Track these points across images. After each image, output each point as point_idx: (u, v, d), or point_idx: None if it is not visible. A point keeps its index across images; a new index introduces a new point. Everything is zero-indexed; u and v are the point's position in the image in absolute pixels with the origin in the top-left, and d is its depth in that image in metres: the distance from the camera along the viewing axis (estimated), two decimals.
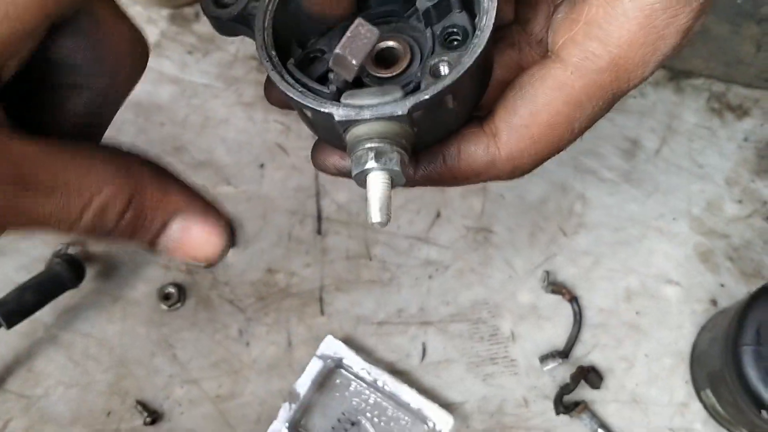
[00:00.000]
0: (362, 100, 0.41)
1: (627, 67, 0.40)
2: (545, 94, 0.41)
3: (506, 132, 0.42)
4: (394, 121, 0.39)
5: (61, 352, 0.78)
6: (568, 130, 0.42)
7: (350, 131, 0.40)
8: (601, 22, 0.39)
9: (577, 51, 0.40)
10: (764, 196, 0.76)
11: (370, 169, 0.39)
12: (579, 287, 0.75)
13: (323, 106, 0.40)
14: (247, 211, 0.81)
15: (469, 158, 0.43)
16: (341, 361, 0.73)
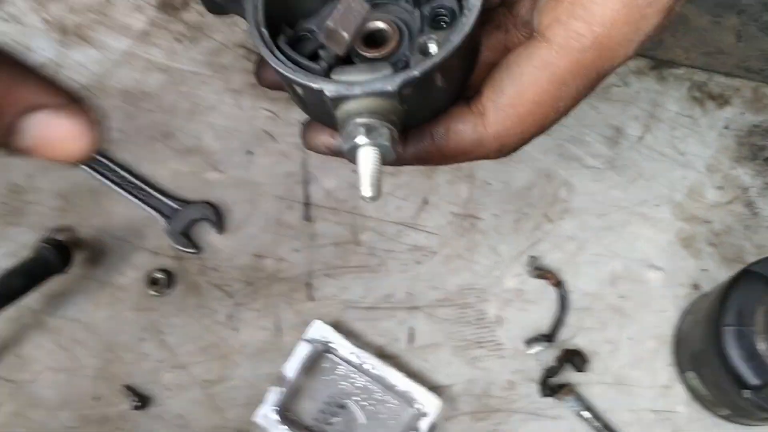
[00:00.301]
0: (352, 77, 0.42)
1: (610, 45, 0.41)
2: (531, 73, 0.42)
3: (493, 111, 0.43)
4: (384, 98, 0.40)
5: (49, 337, 0.78)
6: (553, 108, 0.43)
7: (341, 107, 0.41)
8: (585, 1, 0.41)
9: (562, 30, 0.41)
10: (744, 183, 0.78)
11: (361, 144, 0.40)
12: (564, 272, 0.77)
13: (314, 82, 0.41)
14: (235, 196, 0.81)
15: (457, 136, 0.45)
16: (329, 346, 0.73)
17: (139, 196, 0.81)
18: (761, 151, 0.78)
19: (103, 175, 0.82)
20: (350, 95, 0.40)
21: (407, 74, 0.40)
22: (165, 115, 0.85)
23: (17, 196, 0.83)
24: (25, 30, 0.89)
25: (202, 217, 0.80)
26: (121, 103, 0.85)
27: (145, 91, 0.86)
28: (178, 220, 0.80)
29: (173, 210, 0.80)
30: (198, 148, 0.83)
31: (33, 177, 0.83)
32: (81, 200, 0.82)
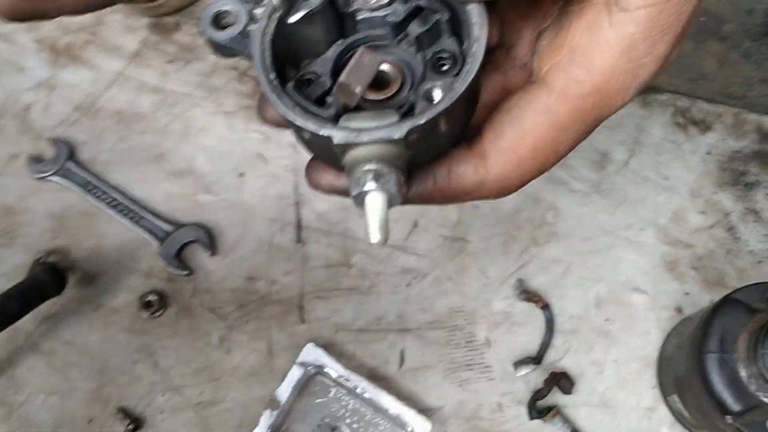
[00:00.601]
0: (360, 123, 0.42)
1: (609, 92, 0.42)
2: (531, 118, 0.43)
3: (494, 154, 0.44)
4: (391, 144, 0.41)
5: (42, 359, 0.79)
6: (553, 152, 0.44)
7: (348, 153, 0.42)
8: (585, 49, 0.42)
9: (562, 77, 0.42)
10: (726, 208, 0.80)
11: (369, 191, 0.40)
12: (551, 295, 0.78)
13: (322, 129, 0.42)
14: (227, 218, 0.82)
15: (458, 178, 0.45)
16: (322, 368, 0.75)
17: (132, 218, 0.82)
18: (742, 176, 0.80)
19: (96, 197, 0.83)
20: (358, 142, 0.41)
21: (414, 122, 0.41)
22: (157, 136, 0.86)
23: (9, 217, 0.83)
24: (17, 49, 0.90)
25: (195, 239, 0.81)
26: (113, 125, 0.86)
27: (138, 112, 0.87)
28: (171, 243, 0.80)
29: (165, 232, 0.81)
30: (190, 169, 0.84)
31: (25, 198, 0.84)
32: (73, 222, 0.83)
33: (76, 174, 0.83)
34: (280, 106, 0.43)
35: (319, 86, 0.46)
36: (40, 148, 0.85)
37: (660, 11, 0.40)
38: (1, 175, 0.85)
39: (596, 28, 0.41)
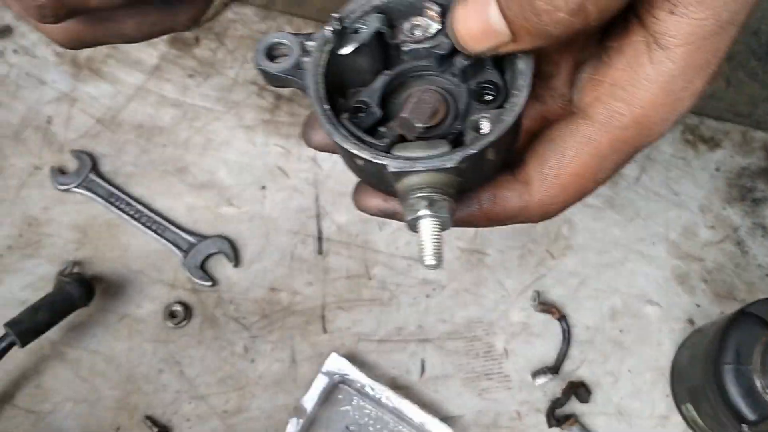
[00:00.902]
0: (413, 153, 0.44)
1: (648, 124, 0.44)
2: (574, 147, 0.45)
3: (538, 180, 0.47)
4: (443, 172, 0.43)
5: (69, 368, 0.80)
6: (593, 179, 0.46)
7: (402, 181, 0.44)
8: (625, 84, 0.44)
9: (603, 109, 0.44)
10: (735, 223, 0.83)
11: (423, 216, 0.42)
12: (567, 306, 0.81)
13: (378, 157, 0.44)
14: (249, 230, 0.84)
15: (503, 203, 0.48)
16: (346, 378, 0.77)
17: (155, 230, 0.83)
18: (750, 192, 0.83)
19: (120, 209, 0.84)
20: (412, 171, 0.43)
21: (465, 151, 0.43)
22: (179, 149, 0.87)
23: (33, 228, 0.84)
24: (38, 63, 0.91)
25: (218, 250, 0.82)
26: (135, 138, 0.88)
27: (159, 125, 0.88)
28: (195, 254, 0.82)
29: (189, 244, 0.83)
30: (212, 182, 0.86)
31: (49, 210, 0.85)
32: (97, 233, 0.84)
33: (100, 186, 0.85)
34: (336, 135, 0.45)
35: (370, 116, 0.48)
36: (62, 160, 0.86)
37: (697, 48, 0.42)
38: (25, 186, 0.86)
39: (636, 64, 0.44)
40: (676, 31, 0.42)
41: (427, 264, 0.43)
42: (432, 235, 0.43)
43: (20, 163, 0.87)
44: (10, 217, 0.85)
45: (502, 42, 0.42)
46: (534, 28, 0.40)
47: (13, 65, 0.90)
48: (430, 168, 0.43)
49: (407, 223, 0.44)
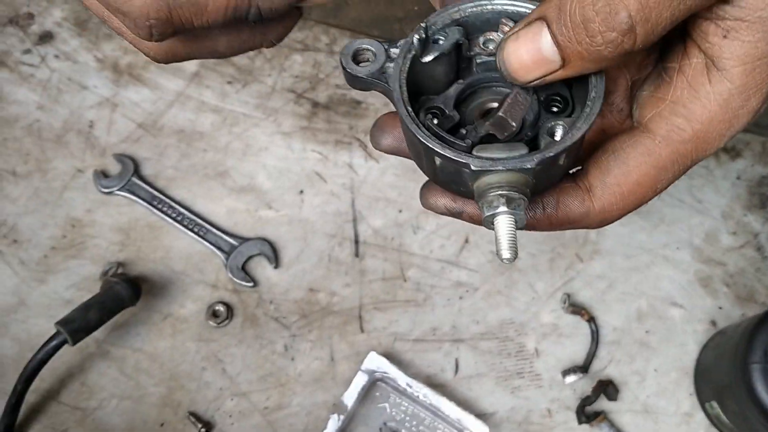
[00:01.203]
0: (494, 154, 0.47)
1: (706, 139, 0.47)
2: (636, 158, 0.49)
3: (600, 188, 0.50)
4: (521, 173, 0.46)
5: (114, 366, 0.82)
6: (652, 189, 0.49)
7: (481, 179, 0.47)
8: (686, 102, 0.47)
9: (664, 124, 0.48)
10: (755, 229, 0.86)
11: (501, 213, 0.46)
12: (595, 308, 0.84)
13: (461, 156, 0.47)
14: (288, 233, 0.87)
15: (566, 208, 0.51)
16: (384, 375, 0.79)
17: (197, 232, 0.86)
18: None
19: (162, 211, 0.87)
20: (493, 170, 0.46)
21: (543, 154, 0.46)
22: (219, 154, 0.90)
23: (77, 230, 0.87)
24: (79, 68, 0.93)
25: (259, 252, 0.85)
26: (176, 142, 0.90)
27: (199, 131, 0.91)
28: (237, 256, 0.85)
29: (231, 246, 0.85)
30: (251, 186, 0.89)
31: (92, 212, 0.88)
32: (140, 235, 0.87)
33: (142, 189, 0.87)
34: (421, 134, 0.48)
35: (447, 120, 0.51)
36: (104, 164, 0.89)
37: (753, 69, 0.46)
38: (68, 189, 0.88)
39: (696, 84, 0.47)
40: (731, 53, 0.45)
41: (504, 258, 0.45)
42: (508, 231, 0.46)
43: (63, 166, 0.89)
44: (54, 219, 0.87)
45: (552, 70, 0.45)
46: (586, 51, 0.43)
47: (55, 70, 0.93)
48: (509, 168, 0.46)
49: (484, 219, 0.46)
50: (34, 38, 0.94)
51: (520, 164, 0.46)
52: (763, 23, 0.44)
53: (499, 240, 0.46)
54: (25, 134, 0.90)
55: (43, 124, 0.91)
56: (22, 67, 0.93)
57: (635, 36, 0.42)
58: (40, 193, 0.88)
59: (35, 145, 0.90)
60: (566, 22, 0.43)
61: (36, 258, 0.86)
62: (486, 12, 0.50)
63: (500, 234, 0.46)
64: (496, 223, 0.46)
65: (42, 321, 0.83)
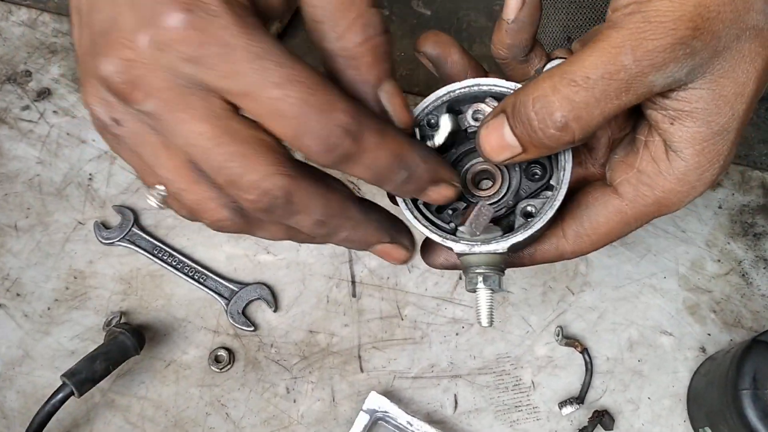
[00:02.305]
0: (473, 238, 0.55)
1: (667, 204, 0.55)
2: (605, 215, 0.57)
3: (573, 236, 0.58)
4: (496, 255, 0.55)
5: (119, 415, 0.84)
6: (617, 237, 0.58)
7: (464, 259, 0.56)
8: (650, 173, 0.54)
9: (631, 190, 0.55)
10: (739, 256, 0.89)
11: (479, 288, 0.55)
12: (587, 339, 0.86)
13: (445, 241, 0.56)
14: (287, 276, 0.89)
15: (543, 253, 0.59)
16: (386, 415, 0.81)
17: (198, 279, 0.88)
18: (751, 227, 0.90)
19: (162, 260, 0.89)
20: (471, 253, 0.55)
21: (515, 238, 0.54)
22: None
23: (79, 281, 0.89)
24: (77, 122, 0.96)
25: (259, 296, 0.87)
26: None
27: None
28: (237, 301, 0.87)
29: (231, 291, 0.87)
30: None
31: (94, 263, 0.89)
32: (142, 284, 0.89)
33: (142, 239, 0.89)
34: (413, 220, 0.56)
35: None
36: (105, 215, 0.91)
37: (702, 149, 0.52)
38: (69, 241, 0.90)
39: (658, 159, 0.54)
40: (680, 137, 0.52)
41: (483, 324, 0.56)
42: (486, 303, 0.55)
43: (64, 219, 0.91)
44: (57, 271, 0.89)
45: (515, 153, 0.52)
46: (536, 142, 0.51)
47: (54, 125, 0.95)
48: (485, 252, 0.55)
49: (467, 288, 0.56)
50: (33, 95, 0.96)
51: (494, 249, 0.55)
52: (701, 112, 0.51)
53: (478, 310, 0.56)
54: (26, 189, 0.92)
55: (44, 179, 0.93)
56: (21, 123, 0.95)
57: (572, 131, 0.49)
58: (42, 246, 0.90)
59: (36, 199, 0.92)
60: (518, 119, 0.51)
61: (39, 311, 0.88)
62: (474, 91, 0.57)
63: (479, 305, 0.56)
64: (476, 296, 0.55)
65: (47, 373, 0.85)
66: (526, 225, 0.55)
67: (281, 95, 0.44)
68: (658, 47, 0.47)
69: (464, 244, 0.55)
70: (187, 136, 0.46)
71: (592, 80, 0.47)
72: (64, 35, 0.99)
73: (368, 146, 0.47)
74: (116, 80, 0.45)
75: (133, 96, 0.45)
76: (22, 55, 0.98)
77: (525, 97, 0.50)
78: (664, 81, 0.48)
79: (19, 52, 0.98)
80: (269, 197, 0.47)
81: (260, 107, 0.45)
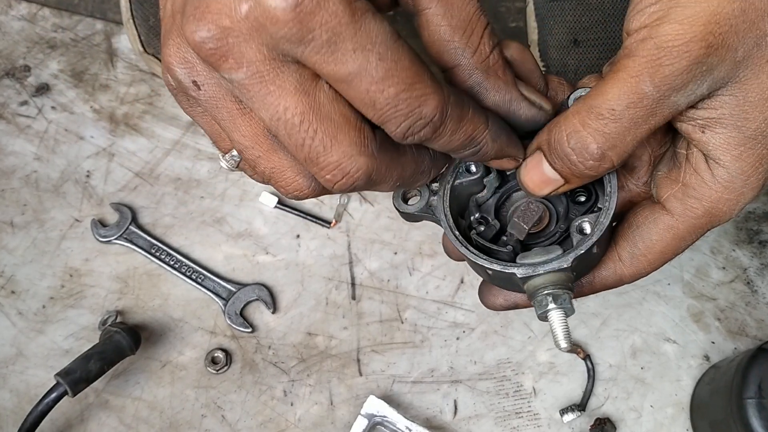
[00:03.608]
0: (534, 259, 0.54)
1: (717, 214, 0.54)
2: (657, 233, 0.56)
3: (629, 259, 0.58)
4: (560, 272, 0.53)
5: (113, 415, 0.82)
6: (673, 254, 0.57)
7: (529, 282, 0.54)
8: (695, 185, 0.54)
9: (679, 204, 0.55)
10: (744, 264, 0.88)
11: (551, 309, 0.53)
12: (590, 346, 0.85)
13: (507, 267, 0.54)
14: (285, 277, 0.88)
15: (602, 279, 0.59)
16: (384, 419, 0.80)
17: (195, 279, 0.87)
18: (756, 235, 0.89)
19: (160, 259, 0.87)
20: (536, 274, 0.54)
21: (576, 252, 0.53)
22: (215, 201, 0.91)
23: (75, 279, 0.87)
24: (76, 119, 0.95)
25: (257, 297, 0.86)
26: (173, 190, 0.91)
27: (195, 178, 0.92)
28: (235, 302, 0.86)
29: (229, 291, 0.86)
30: (248, 232, 0.90)
31: (90, 261, 0.88)
32: (139, 283, 0.87)
33: (140, 237, 0.88)
34: (470, 255, 0.56)
35: (490, 228, 0.58)
36: (102, 213, 0.90)
37: (740, 154, 0.52)
38: (66, 238, 0.89)
39: (700, 170, 0.54)
40: (715, 144, 0.52)
41: (562, 347, 0.54)
42: (561, 323, 0.54)
43: (61, 216, 0.90)
44: (52, 269, 0.88)
45: (558, 186, 0.53)
46: (577, 174, 0.52)
47: (52, 121, 0.94)
48: (549, 270, 0.53)
49: (538, 315, 0.54)
50: (31, 90, 0.95)
51: (558, 266, 0.53)
52: (729, 118, 0.51)
53: (555, 333, 0.54)
54: (23, 185, 0.91)
55: (41, 175, 0.92)
56: (19, 119, 0.94)
57: (610, 159, 0.50)
58: (38, 243, 0.89)
59: (33, 195, 0.91)
60: (555, 155, 0.52)
61: (34, 308, 0.86)
62: None
63: (554, 327, 0.54)
64: (549, 318, 0.54)
65: (41, 372, 0.83)
66: (584, 238, 0.54)
67: (377, 89, 0.44)
68: (675, 71, 0.47)
69: (527, 267, 0.54)
70: (273, 110, 0.45)
71: (618, 112, 0.48)
72: (64, 30, 0.98)
73: (445, 132, 0.48)
74: (209, 46, 0.44)
75: (225, 64, 0.44)
76: (21, 50, 0.97)
77: (559, 134, 0.51)
78: (687, 99, 0.49)
79: (18, 47, 0.97)
80: (350, 178, 0.47)
81: (355, 95, 0.45)
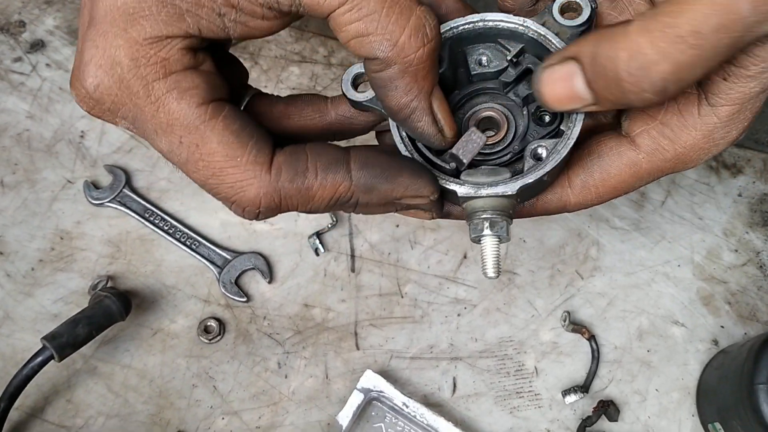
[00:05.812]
0: (478, 179, 0.50)
1: (685, 160, 0.51)
2: (618, 167, 0.52)
3: (579, 187, 0.53)
4: (504, 198, 0.49)
5: (101, 383, 0.80)
6: (625, 191, 0.54)
7: (468, 203, 0.50)
8: (674, 126, 0.50)
9: (651, 142, 0.51)
10: (757, 247, 0.85)
11: (486, 235, 0.50)
12: (595, 326, 0.82)
13: (448, 183, 0.50)
14: (283, 247, 0.85)
15: (545, 203, 0.55)
16: (381, 394, 0.77)
17: (190, 246, 0.84)
18: None
19: (154, 224, 0.85)
20: (477, 196, 0.49)
21: (524, 180, 0.49)
22: None
23: (66, 242, 0.85)
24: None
25: (253, 266, 0.83)
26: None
27: None
28: (230, 270, 0.83)
29: (224, 259, 0.83)
30: None
31: (82, 224, 0.85)
32: (131, 248, 0.84)
33: (133, 201, 0.85)
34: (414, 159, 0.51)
35: None
36: (95, 175, 0.87)
37: (741, 108, 0.48)
38: (57, 200, 0.86)
39: (686, 112, 0.50)
40: (725, 94, 0.48)
41: (488, 275, 0.50)
42: (492, 252, 0.50)
43: (53, 177, 0.87)
44: (42, 231, 0.85)
45: (584, 105, 0.47)
46: (617, 100, 0.45)
47: (46, 79, 0.91)
48: (492, 194, 0.49)
49: (471, 238, 0.50)
50: (26, 46, 0.92)
51: (502, 191, 0.49)
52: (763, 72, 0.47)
53: (484, 260, 0.51)
54: (14, 144, 0.88)
55: (33, 134, 0.88)
56: (12, 76, 0.91)
57: (667, 94, 0.44)
58: (29, 204, 0.86)
59: (24, 155, 0.88)
60: (600, 74, 0.44)
61: (23, 271, 0.83)
62: (478, 28, 0.52)
63: (485, 254, 0.51)
64: (482, 244, 0.50)
65: (28, 336, 0.81)
66: (536, 166, 0.50)
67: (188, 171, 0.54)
68: None
69: (469, 186, 0.50)
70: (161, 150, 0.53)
71: (703, 35, 0.40)
72: None
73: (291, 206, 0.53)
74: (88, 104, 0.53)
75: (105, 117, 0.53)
76: (16, 5, 0.94)
77: (613, 51, 0.43)
78: None
79: (13, 2, 0.94)
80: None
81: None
